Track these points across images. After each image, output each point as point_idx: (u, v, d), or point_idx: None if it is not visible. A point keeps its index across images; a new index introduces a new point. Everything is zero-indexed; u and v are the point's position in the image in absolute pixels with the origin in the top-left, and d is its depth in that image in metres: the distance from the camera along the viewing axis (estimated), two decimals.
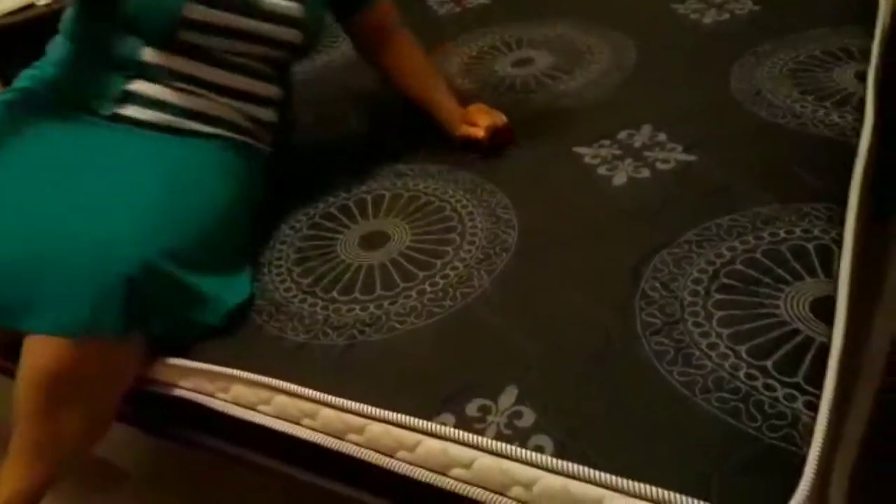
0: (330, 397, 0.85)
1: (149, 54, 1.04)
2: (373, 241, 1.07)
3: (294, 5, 1.08)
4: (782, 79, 1.23)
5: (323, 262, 1.05)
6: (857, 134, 1.08)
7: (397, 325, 0.92)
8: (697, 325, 0.84)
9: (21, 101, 1.08)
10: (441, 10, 1.71)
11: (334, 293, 0.99)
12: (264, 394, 0.89)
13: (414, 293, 0.97)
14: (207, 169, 1.05)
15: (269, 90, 1.15)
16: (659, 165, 1.09)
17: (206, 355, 0.94)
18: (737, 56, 1.31)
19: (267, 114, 1.15)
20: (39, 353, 0.87)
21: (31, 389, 0.88)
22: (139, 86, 1.05)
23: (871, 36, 1.31)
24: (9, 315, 0.87)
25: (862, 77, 1.20)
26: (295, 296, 1.00)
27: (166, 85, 1.05)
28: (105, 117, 1.05)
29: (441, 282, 0.97)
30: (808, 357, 0.77)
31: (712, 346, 0.81)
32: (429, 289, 0.97)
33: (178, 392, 0.95)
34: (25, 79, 1.12)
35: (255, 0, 1.05)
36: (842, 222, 0.94)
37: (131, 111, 1.05)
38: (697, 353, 0.81)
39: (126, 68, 1.05)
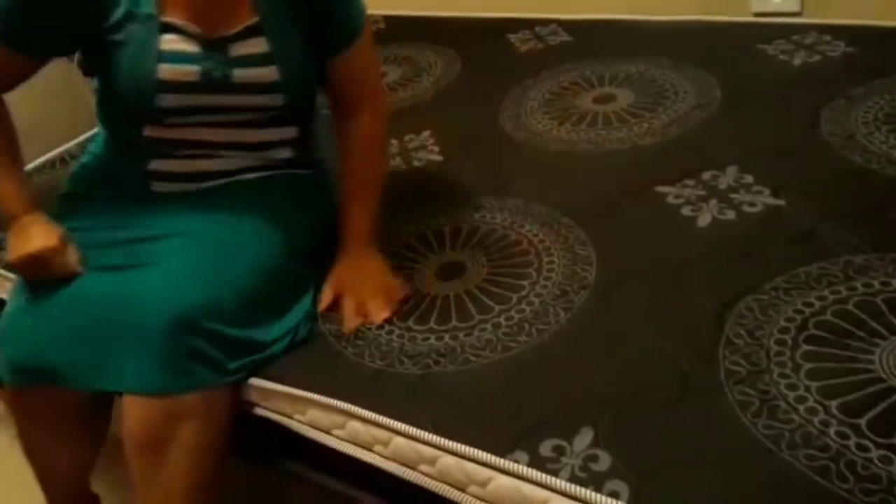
0: (403, 426, 0.86)
1: (151, 131, 1.03)
2: (449, 272, 1.08)
3: (267, 70, 1.00)
4: (878, 124, 1.19)
5: (402, 289, 1.06)
6: None
7: (472, 358, 0.93)
8: (784, 376, 0.81)
9: (73, 186, 1.14)
10: (523, 48, 1.73)
11: (410, 322, 1.01)
12: (339, 418, 0.91)
13: (489, 326, 0.97)
14: (244, 219, 1.04)
15: (283, 133, 1.10)
16: (745, 208, 1.07)
17: (285, 378, 0.96)
18: (828, 99, 1.28)
19: (290, 152, 1.12)
20: (130, 414, 0.93)
21: (131, 453, 0.93)
22: (156, 164, 1.06)
23: None
24: (93, 376, 0.94)
25: None
26: (372, 323, 1.02)
27: (178, 157, 1.06)
28: (141, 195, 1.07)
29: (517, 316, 0.98)
30: None
31: (800, 400, 0.78)
32: (504, 323, 0.97)
33: (258, 411, 0.98)
34: (77, 167, 1.17)
35: (224, 76, 0.99)
36: None
37: (160, 187, 1.07)
38: (784, 405, 0.78)
39: (139, 149, 1.06)
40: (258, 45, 1.00)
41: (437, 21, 1.97)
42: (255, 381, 0.97)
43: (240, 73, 0.99)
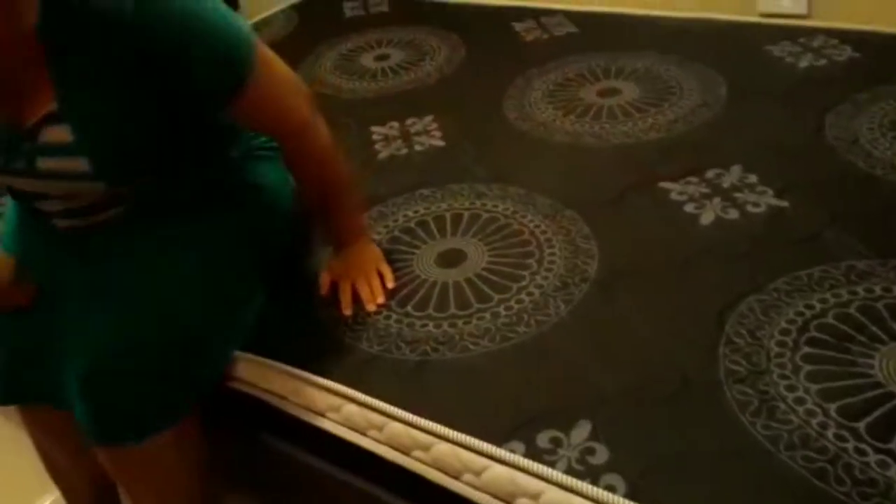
0: (399, 411, 0.85)
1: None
2: (449, 258, 1.07)
3: (74, 162, 0.84)
4: (882, 130, 1.19)
5: (399, 275, 1.05)
6: None
7: (470, 346, 0.92)
8: (784, 377, 0.81)
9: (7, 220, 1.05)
10: (528, 37, 1.71)
11: (409, 308, 0.99)
12: (334, 401, 0.90)
13: (488, 315, 0.96)
14: (156, 254, 0.94)
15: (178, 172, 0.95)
16: (749, 208, 1.07)
17: (281, 357, 0.95)
18: (833, 103, 1.28)
19: (190, 183, 0.98)
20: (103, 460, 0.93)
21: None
22: (39, 204, 0.94)
23: None
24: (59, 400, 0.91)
25: None
26: (368, 309, 1.01)
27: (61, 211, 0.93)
28: (51, 232, 0.97)
29: (516, 306, 0.97)
30: None
31: (799, 401, 0.78)
32: (503, 312, 0.96)
33: (254, 392, 0.97)
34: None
35: (28, 167, 0.85)
36: None
37: (61, 223, 0.95)
38: (783, 406, 0.78)
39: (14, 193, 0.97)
40: (61, 134, 0.82)
41: (442, 6, 1.95)
42: (249, 356, 0.96)
43: (44, 163, 0.85)
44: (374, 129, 1.44)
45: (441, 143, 1.36)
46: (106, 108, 0.82)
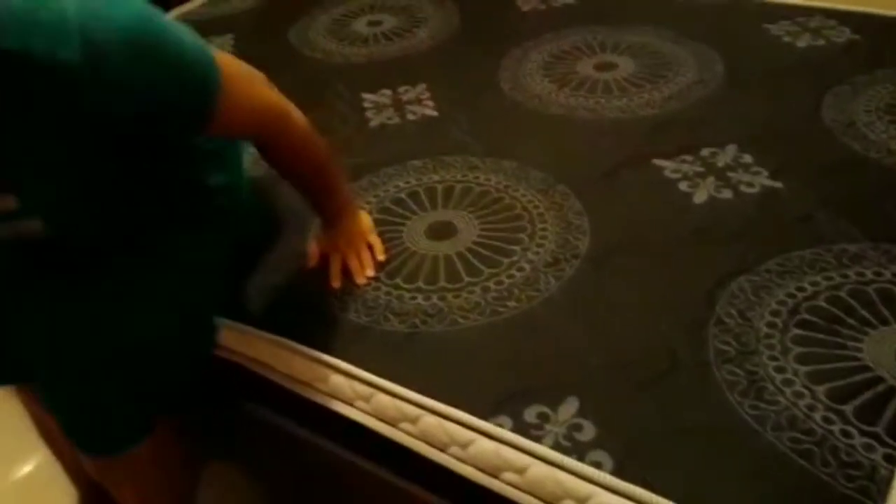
0: (386, 383, 0.85)
1: None
2: (440, 231, 1.06)
3: (27, 224, 0.78)
4: (879, 113, 1.18)
5: (389, 247, 1.04)
6: None
7: (460, 320, 0.91)
8: (773, 358, 0.81)
9: None
10: (525, 7, 1.68)
11: (398, 280, 0.98)
12: (322, 371, 0.89)
13: (478, 289, 0.95)
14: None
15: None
16: (743, 188, 1.06)
17: (268, 326, 0.94)
18: (831, 84, 1.27)
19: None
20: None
21: None
22: None
23: None
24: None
25: None
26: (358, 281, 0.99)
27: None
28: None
29: (506, 281, 0.96)
30: (892, 407, 0.74)
31: (787, 383, 0.78)
32: (493, 287, 0.95)
33: (240, 360, 0.95)
34: None
35: None
36: None
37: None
38: (771, 387, 0.78)
39: None
40: (5, 202, 0.74)
41: None
42: (236, 325, 0.95)
43: None
44: (366, 95, 1.41)
45: (434, 113, 1.33)
46: (55, 168, 0.73)
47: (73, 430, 0.86)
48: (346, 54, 1.58)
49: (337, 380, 0.87)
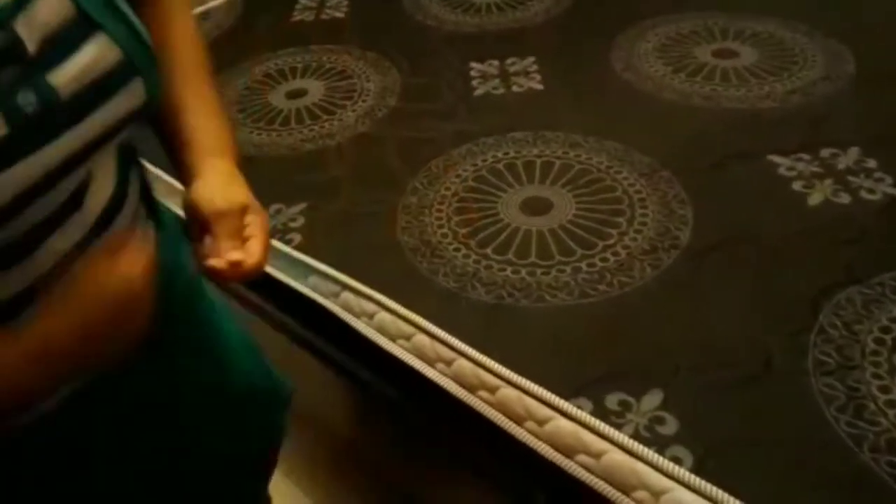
0: (471, 350, 0.85)
1: None
2: (535, 206, 1.05)
3: (101, 49, 0.51)
4: None
5: (482, 216, 1.04)
6: None
7: (547, 297, 0.91)
8: (877, 376, 0.77)
9: None
10: None
11: (489, 250, 0.98)
12: (407, 328, 0.90)
13: (569, 269, 0.94)
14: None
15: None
16: (863, 194, 1.00)
17: (361, 278, 0.96)
18: None
19: None
20: None
21: None
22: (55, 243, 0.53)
23: None
24: None
25: None
26: (451, 243, 1.00)
27: None
28: None
29: (600, 264, 0.94)
30: None
31: (891, 404, 0.74)
32: (585, 268, 0.94)
33: (324, 303, 0.98)
34: None
35: (42, 97, 0.48)
36: None
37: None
38: (873, 406, 0.74)
39: None
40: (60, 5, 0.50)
41: None
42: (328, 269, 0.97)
43: (62, 75, 0.49)
44: (473, 64, 1.40)
45: (540, 87, 1.32)
46: None
47: None
48: (458, 22, 1.57)
49: (421, 339, 0.89)
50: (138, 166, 0.64)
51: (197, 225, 0.61)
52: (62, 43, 0.50)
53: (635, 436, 0.74)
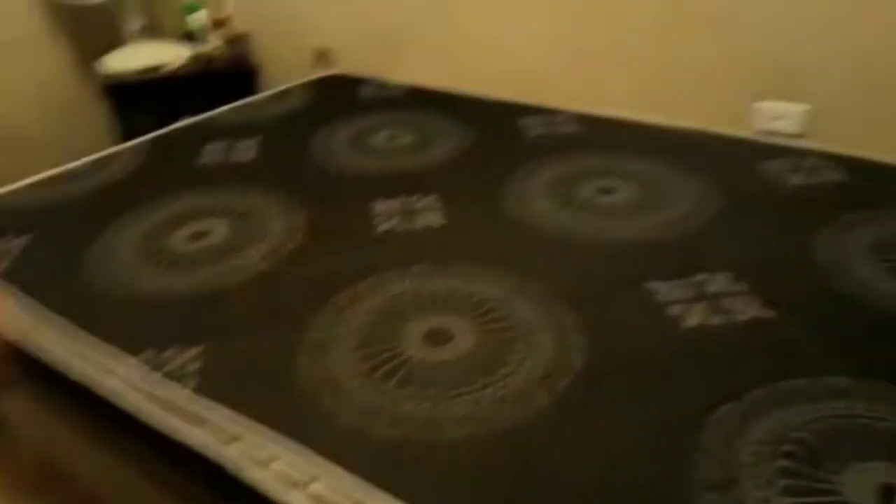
0: (378, 491, 0.84)
1: None
2: (436, 338, 1.08)
3: None
4: (866, 253, 1.22)
5: (384, 349, 1.06)
6: None
7: (447, 430, 0.92)
8: (757, 488, 0.81)
9: None
10: (533, 133, 1.78)
11: (391, 384, 1.00)
12: (310, 470, 0.89)
13: (469, 399, 0.96)
14: None
15: None
16: (734, 316, 1.09)
17: (262, 420, 0.95)
18: (822, 222, 1.32)
19: None
20: None
21: None
22: None
23: None
24: None
25: None
26: (353, 379, 1.01)
27: None
28: None
29: (499, 393, 0.97)
30: None
31: None
32: (485, 398, 0.97)
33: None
34: None
35: None
36: None
37: None
38: None
39: None
40: None
41: (455, 97, 2.04)
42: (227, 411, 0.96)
43: None
44: (376, 203, 1.48)
45: (441, 222, 1.40)
46: None
47: None
48: (364, 165, 1.67)
49: (317, 486, 0.87)
50: None
51: None
52: None
53: None
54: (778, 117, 1.79)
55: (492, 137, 1.78)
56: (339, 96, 2.13)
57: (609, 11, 1.96)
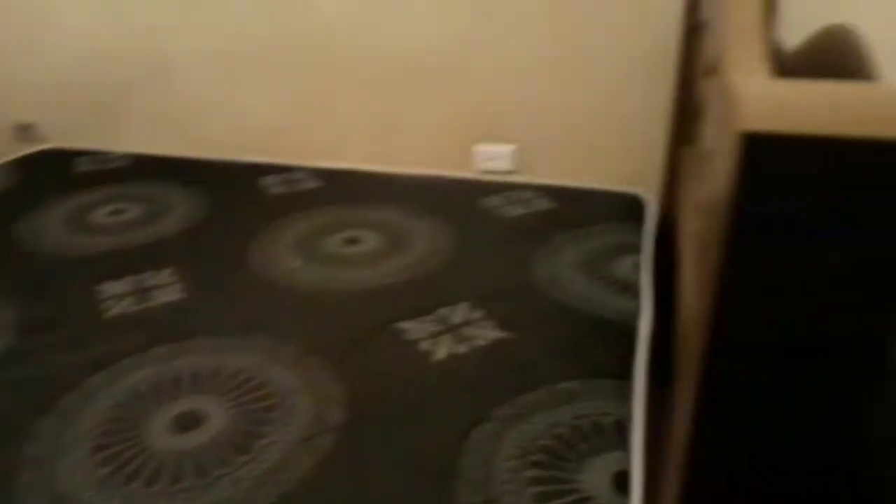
0: None
1: None
2: (186, 422, 1.01)
3: None
4: (575, 268, 1.40)
5: (126, 447, 0.96)
6: (637, 316, 1.25)
7: None
8: (514, 502, 0.87)
9: None
10: (273, 191, 1.77)
11: (134, 485, 0.90)
12: None
13: (227, 482, 0.91)
14: None
15: None
16: (476, 342, 1.17)
17: None
18: (537, 245, 1.49)
19: None
20: None
21: None
22: None
23: (641, 231, 1.55)
24: None
25: (637, 267, 1.41)
26: (89, 488, 0.90)
27: None
28: None
29: (260, 467, 0.93)
30: None
31: None
32: (246, 475, 0.92)
33: None
34: None
35: None
36: (631, 397, 1.05)
37: None
38: None
39: None
40: None
41: (186, 162, 1.95)
42: None
43: None
44: (106, 285, 1.35)
45: (180, 297, 1.31)
46: None
47: None
48: (85, 245, 1.51)
49: None
50: None
51: None
52: None
53: None
54: (493, 157, 1.99)
55: (229, 200, 1.73)
56: (51, 173, 1.92)
57: (333, 67, 2.03)
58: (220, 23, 2.05)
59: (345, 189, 1.79)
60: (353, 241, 1.52)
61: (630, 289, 1.33)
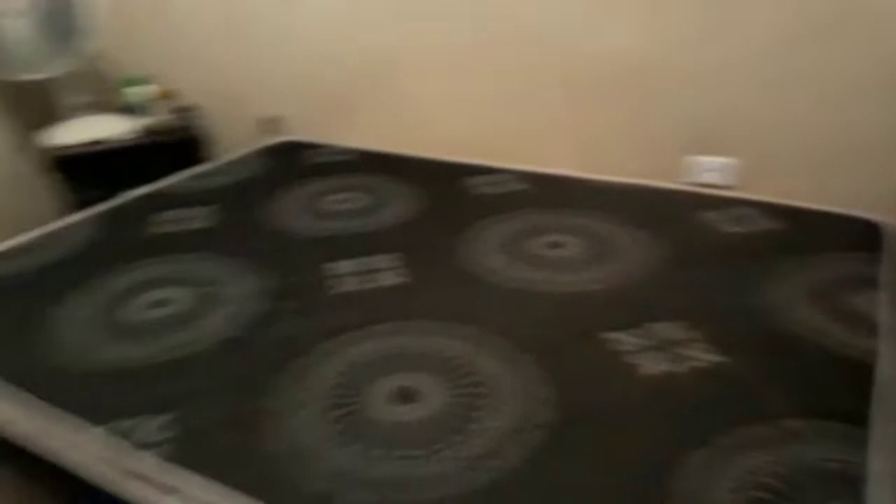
0: None
1: None
2: (403, 397, 1.09)
3: None
4: (806, 296, 1.30)
5: (349, 411, 1.06)
6: (876, 357, 1.13)
7: (423, 490, 0.91)
8: None
9: None
10: (480, 192, 1.84)
11: (359, 446, 0.99)
12: None
13: (440, 457, 0.96)
14: None
15: None
16: (692, 363, 1.13)
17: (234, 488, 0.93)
18: (759, 267, 1.39)
19: None
20: None
21: None
22: None
23: (880, 262, 1.40)
24: None
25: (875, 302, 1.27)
26: (320, 443, 1.00)
27: None
28: None
29: (471, 450, 0.97)
30: None
31: None
32: (457, 455, 0.96)
33: None
34: None
35: None
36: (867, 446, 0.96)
37: None
38: None
39: None
40: None
41: (402, 159, 2.09)
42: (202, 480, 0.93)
43: None
44: (332, 265, 1.48)
45: (397, 282, 1.41)
46: None
47: None
48: (317, 228, 1.68)
49: None
50: None
51: None
52: None
53: None
54: (709, 170, 1.90)
55: (440, 197, 1.82)
56: (290, 162, 2.15)
57: (541, 73, 2.06)
58: (436, 33, 2.17)
59: (549, 193, 1.81)
60: (556, 245, 1.54)
61: (865, 324, 1.21)
